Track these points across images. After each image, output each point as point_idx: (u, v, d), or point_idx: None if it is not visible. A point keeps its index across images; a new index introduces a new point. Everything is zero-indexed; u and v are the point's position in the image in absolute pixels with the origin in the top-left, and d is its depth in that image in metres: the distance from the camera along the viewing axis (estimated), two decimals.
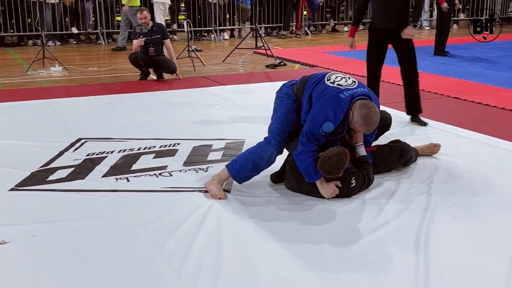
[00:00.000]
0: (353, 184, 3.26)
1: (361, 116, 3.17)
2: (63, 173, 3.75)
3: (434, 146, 4.01)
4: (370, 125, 3.22)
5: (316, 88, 3.31)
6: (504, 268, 2.48)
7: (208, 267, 2.52)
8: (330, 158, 3.11)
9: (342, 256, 2.63)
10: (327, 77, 3.35)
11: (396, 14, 4.79)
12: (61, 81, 7.52)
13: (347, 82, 3.32)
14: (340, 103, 3.19)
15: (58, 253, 2.68)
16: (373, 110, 3.19)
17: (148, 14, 7.24)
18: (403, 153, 3.71)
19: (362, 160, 3.41)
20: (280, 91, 3.54)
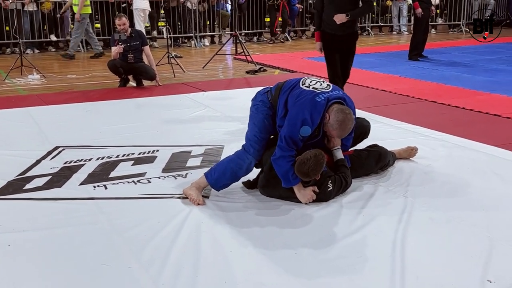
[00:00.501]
0: (330, 188, 3.28)
1: (337, 121, 3.20)
2: (40, 182, 3.72)
3: (412, 149, 4.04)
4: (344, 130, 3.25)
5: (292, 93, 3.33)
6: (479, 269, 2.51)
7: (186, 274, 2.52)
8: (307, 160, 3.13)
9: (319, 259, 2.64)
10: (302, 82, 3.37)
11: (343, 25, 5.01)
12: (39, 89, 7.47)
13: (322, 85, 3.35)
14: (316, 106, 3.21)
15: (35, 262, 2.65)
16: (349, 117, 3.22)
17: (126, 20, 7.22)
18: (380, 158, 3.74)
19: (339, 164, 3.44)
20: (255, 98, 3.55)
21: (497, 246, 2.73)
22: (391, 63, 9.23)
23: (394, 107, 5.91)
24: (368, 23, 14.82)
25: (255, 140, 3.40)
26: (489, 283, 2.39)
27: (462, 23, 15.02)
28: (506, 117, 5.35)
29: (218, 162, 3.58)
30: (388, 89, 6.89)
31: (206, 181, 3.43)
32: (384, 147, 3.83)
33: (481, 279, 2.43)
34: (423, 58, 9.51)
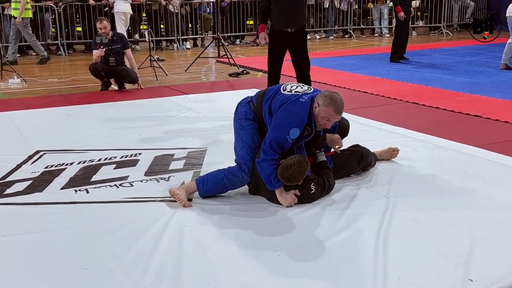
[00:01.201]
0: (313, 191, 3.29)
1: (326, 97, 3.22)
2: (20, 186, 3.68)
3: (393, 150, 4.07)
4: (337, 102, 3.23)
5: (274, 99, 3.34)
6: (461, 268, 2.53)
7: (169, 277, 2.50)
8: (290, 166, 3.14)
9: (302, 261, 2.64)
10: (283, 88, 3.39)
11: (292, 17, 5.25)
12: (20, 93, 7.39)
13: (303, 88, 3.38)
14: (302, 106, 3.23)
15: (15, 267, 2.62)
16: (335, 94, 3.28)
17: (108, 24, 7.18)
18: (362, 158, 3.75)
19: (322, 166, 3.45)
20: (237, 111, 3.54)
21: (478, 246, 2.75)
22: (373, 65, 9.29)
23: (376, 109, 5.95)
24: (350, 26, 14.91)
25: (248, 159, 3.39)
26: (470, 282, 2.41)
27: (442, 25, 15.16)
28: (487, 117, 5.42)
29: (211, 173, 3.48)
30: (370, 91, 6.93)
31: (195, 188, 3.42)
32: (365, 147, 3.85)
33: (463, 278, 2.45)
34: (404, 60, 9.59)
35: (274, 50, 5.48)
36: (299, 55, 5.48)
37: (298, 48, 5.45)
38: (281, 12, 5.28)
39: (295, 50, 5.46)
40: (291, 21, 5.29)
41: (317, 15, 14.55)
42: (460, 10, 15.78)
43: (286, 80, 5.91)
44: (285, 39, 5.37)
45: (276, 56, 5.48)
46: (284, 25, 5.31)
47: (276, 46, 5.44)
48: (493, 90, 6.88)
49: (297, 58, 5.50)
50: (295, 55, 5.50)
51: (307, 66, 5.55)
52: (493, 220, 3.08)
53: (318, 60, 10.12)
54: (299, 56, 5.48)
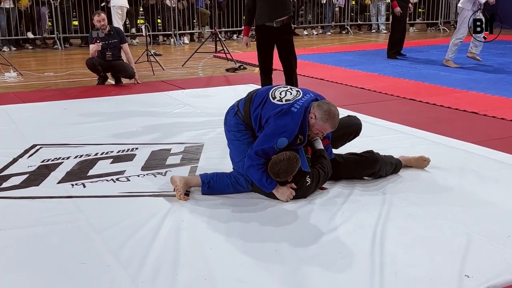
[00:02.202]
0: (308, 183, 3.29)
1: (324, 111, 3.20)
2: (17, 180, 3.67)
3: (424, 160, 3.81)
4: (335, 118, 3.24)
5: (265, 108, 3.29)
6: (457, 264, 2.54)
7: (165, 272, 2.50)
8: (280, 162, 3.14)
9: (299, 256, 2.64)
10: (272, 95, 3.32)
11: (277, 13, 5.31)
12: (16, 87, 7.36)
13: (292, 94, 3.33)
14: (294, 117, 3.20)
15: (12, 261, 2.62)
16: (332, 106, 3.26)
17: (105, 16, 7.15)
18: (366, 165, 3.58)
19: (318, 154, 3.43)
20: (227, 122, 3.51)
21: (474, 242, 2.76)
22: (370, 61, 9.29)
23: (373, 105, 5.95)
24: (347, 22, 14.90)
25: None
26: (466, 278, 2.42)
27: (439, 22, 15.17)
28: (483, 114, 5.42)
29: (218, 176, 3.42)
30: (367, 87, 6.93)
31: (198, 183, 3.41)
32: (377, 155, 3.63)
33: (459, 274, 2.46)
34: (401, 56, 9.59)
35: (261, 46, 5.52)
36: (284, 50, 5.51)
37: (283, 43, 5.48)
38: (265, 6, 5.32)
39: (281, 45, 5.50)
40: (275, 14, 5.32)
41: (315, 11, 14.53)
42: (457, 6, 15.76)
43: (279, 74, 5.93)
44: (270, 34, 5.40)
45: (264, 51, 5.53)
46: (268, 18, 5.35)
47: (263, 41, 5.49)
48: (490, 87, 6.89)
49: (283, 53, 5.54)
50: (281, 50, 5.53)
51: (293, 62, 5.59)
52: (489, 216, 3.09)
53: (315, 55, 10.13)
54: (284, 51, 5.51)
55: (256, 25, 5.53)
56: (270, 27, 5.36)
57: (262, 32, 5.47)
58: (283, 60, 5.59)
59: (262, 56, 5.57)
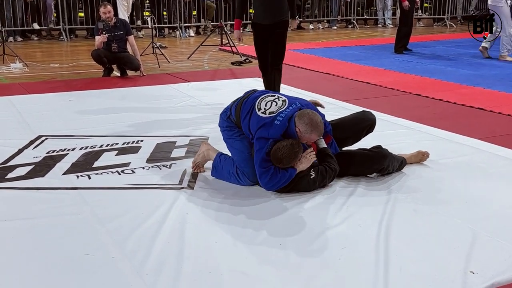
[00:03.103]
0: (312, 176, 3.28)
1: (306, 124, 3.20)
2: (22, 171, 3.67)
3: (423, 154, 3.85)
4: (318, 127, 3.24)
5: (251, 120, 3.34)
6: (462, 260, 2.54)
7: (170, 264, 2.51)
8: (283, 147, 3.17)
9: (304, 251, 2.64)
10: (257, 106, 3.36)
11: (272, 10, 5.16)
12: (21, 77, 7.37)
13: (278, 104, 3.34)
14: (276, 129, 3.24)
15: (16, 252, 2.62)
16: (312, 115, 3.24)
17: (111, 8, 7.14)
18: (374, 161, 3.55)
19: (323, 153, 3.42)
20: (221, 123, 3.63)
21: (479, 238, 2.75)
22: (376, 56, 9.26)
23: (379, 100, 5.93)
24: (353, 16, 14.84)
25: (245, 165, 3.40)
26: (471, 274, 2.42)
27: (446, 17, 15.10)
28: (490, 110, 5.40)
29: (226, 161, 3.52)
30: (373, 82, 6.91)
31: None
32: (385, 151, 3.61)
33: (464, 270, 2.45)
34: (407, 51, 9.55)
35: (257, 42, 5.40)
36: (274, 42, 5.29)
37: (275, 36, 5.27)
38: (262, 6, 5.18)
39: (273, 38, 5.30)
40: (271, 17, 5.18)
41: (321, 5, 14.49)
42: (464, 2, 15.70)
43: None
44: (265, 30, 5.25)
45: (261, 48, 5.38)
46: (263, 19, 5.21)
47: (259, 38, 5.36)
48: (496, 82, 6.85)
49: (272, 45, 5.31)
50: (272, 42, 5.32)
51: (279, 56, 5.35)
52: (494, 212, 3.08)
53: (321, 50, 10.10)
54: (274, 43, 5.30)
55: (252, 22, 5.43)
56: (266, 24, 5.22)
57: (257, 30, 5.34)
58: (271, 51, 5.33)
59: (259, 52, 5.44)
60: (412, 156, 3.83)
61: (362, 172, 3.58)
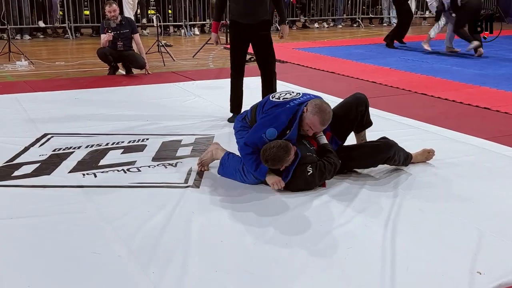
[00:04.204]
0: (310, 172, 3.26)
1: (315, 105, 3.30)
2: (28, 169, 3.68)
3: (428, 152, 3.83)
4: (324, 113, 3.31)
5: (265, 106, 3.46)
6: (468, 260, 2.53)
7: (176, 263, 2.51)
8: (269, 149, 3.21)
9: (309, 250, 2.64)
10: (272, 95, 3.51)
11: (254, 9, 4.72)
12: (27, 75, 7.39)
13: (292, 95, 3.46)
14: (286, 110, 3.34)
15: (23, 250, 2.63)
16: (326, 105, 3.35)
17: (117, 7, 7.16)
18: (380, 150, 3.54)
19: (324, 148, 3.43)
20: (235, 126, 3.71)
21: (486, 238, 2.74)
22: (381, 55, 9.24)
23: (384, 99, 5.92)
24: (359, 15, 14.81)
25: None
26: (478, 274, 2.41)
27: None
28: (496, 110, 5.38)
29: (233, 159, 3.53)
30: (378, 81, 6.89)
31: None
32: (391, 141, 3.60)
33: (471, 270, 2.44)
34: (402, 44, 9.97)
35: (234, 43, 4.91)
36: (261, 48, 4.85)
37: (260, 39, 4.82)
38: (238, 4, 4.74)
39: (257, 42, 4.84)
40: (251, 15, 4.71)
41: (326, 4, 14.46)
42: None
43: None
44: (245, 31, 4.78)
45: (238, 49, 4.90)
46: (244, 17, 4.74)
47: (236, 38, 4.88)
48: (502, 82, 6.83)
49: (260, 52, 4.88)
50: (258, 48, 4.88)
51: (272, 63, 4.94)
52: (501, 212, 3.07)
53: (326, 48, 10.08)
54: (262, 48, 4.85)
55: (230, 20, 4.93)
56: (246, 24, 4.74)
57: (236, 29, 4.84)
58: (260, 59, 4.91)
59: (235, 55, 4.92)
60: (417, 154, 3.81)
61: (371, 163, 3.58)
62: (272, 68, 4.95)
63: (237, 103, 5.03)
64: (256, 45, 4.88)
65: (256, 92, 5.06)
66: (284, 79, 6.84)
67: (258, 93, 5.02)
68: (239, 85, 5.03)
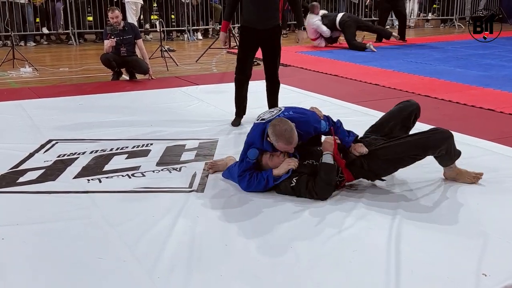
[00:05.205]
0: (292, 184, 3.26)
1: (271, 133, 3.24)
2: (33, 175, 3.69)
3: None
4: (282, 135, 3.19)
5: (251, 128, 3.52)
6: (474, 263, 2.52)
7: (181, 267, 2.51)
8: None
9: (314, 254, 2.64)
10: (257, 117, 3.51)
11: (266, 14, 4.72)
12: (31, 82, 7.41)
13: (272, 113, 3.45)
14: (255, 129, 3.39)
15: (29, 256, 2.64)
16: (280, 125, 3.21)
17: (119, 13, 7.18)
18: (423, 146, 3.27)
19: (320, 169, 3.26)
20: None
21: (491, 240, 2.74)
22: (384, 57, 9.24)
23: (388, 102, 5.90)
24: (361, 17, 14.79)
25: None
26: (484, 276, 2.40)
27: (455, 17, 15.04)
28: (500, 111, 5.37)
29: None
30: (381, 83, 6.89)
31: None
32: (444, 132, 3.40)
33: (476, 272, 2.44)
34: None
35: (244, 48, 4.92)
36: (272, 52, 4.89)
37: (268, 46, 4.87)
38: (252, 9, 4.72)
39: (265, 49, 4.89)
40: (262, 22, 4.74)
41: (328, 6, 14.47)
42: (472, 2, 15.63)
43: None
44: (256, 36, 4.80)
45: (247, 55, 4.92)
46: (256, 22, 4.75)
47: (247, 43, 4.89)
48: (506, 83, 6.81)
49: (266, 58, 4.93)
50: (264, 55, 4.93)
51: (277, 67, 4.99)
52: (506, 214, 3.06)
53: (328, 52, 10.09)
54: (268, 56, 4.90)
55: (241, 25, 4.97)
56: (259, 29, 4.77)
57: (247, 34, 4.85)
58: (265, 65, 4.96)
59: (244, 59, 4.92)
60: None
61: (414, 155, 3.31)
62: (276, 74, 5.00)
63: (242, 106, 5.07)
64: (264, 50, 4.91)
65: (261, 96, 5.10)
66: (288, 83, 6.85)
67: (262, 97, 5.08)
68: (245, 89, 5.05)
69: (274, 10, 4.78)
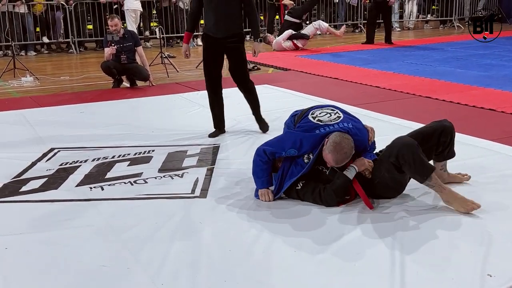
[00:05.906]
0: (298, 187, 3.26)
1: (331, 142, 3.11)
2: (36, 184, 3.70)
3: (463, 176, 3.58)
4: (337, 153, 3.10)
5: (302, 120, 3.39)
6: (479, 263, 2.51)
7: (185, 274, 2.51)
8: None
9: (319, 257, 2.63)
10: (312, 112, 3.40)
11: (226, 22, 4.59)
12: (32, 91, 7.43)
13: (330, 117, 3.31)
14: (312, 136, 3.22)
15: (32, 265, 2.64)
16: (346, 141, 3.11)
17: (119, 21, 7.21)
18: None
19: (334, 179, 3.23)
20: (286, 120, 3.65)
21: (496, 241, 2.73)
22: (384, 59, 9.24)
23: (389, 103, 5.92)
24: (360, 20, 14.82)
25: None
26: (489, 277, 2.40)
27: (454, 18, 15.05)
28: (501, 111, 5.37)
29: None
30: (382, 85, 6.89)
31: None
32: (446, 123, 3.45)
33: (481, 273, 2.43)
34: None
35: (207, 57, 4.77)
36: (233, 60, 4.75)
37: (231, 55, 4.73)
38: (213, 17, 4.60)
39: (229, 57, 4.76)
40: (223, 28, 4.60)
41: (327, 10, 14.49)
42: (471, 3, 15.64)
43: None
44: (217, 44, 4.67)
45: (210, 63, 4.76)
46: (215, 31, 4.62)
47: (209, 52, 4.74)
48: (507, 83, 6.81)
49: (231, 66, 4.79)
50: (230, 63, 4.79)
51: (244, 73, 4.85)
52: (510, 215, 3.05)
53: (328, 55, 10.10)
54: (233, 64, 4.77)
55: (203, 33, 4.81)
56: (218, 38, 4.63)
57: (208, 43, 4.72)
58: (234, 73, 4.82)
59: (208, 68, 4.77)
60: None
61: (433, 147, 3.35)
62: (243, 80, 4.85)
63: (219, 118, 4.92)
64: (230, 59, 4.77)
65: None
66: (289, 87, 6.87)
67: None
68: (218, 100, 4.91)
69: (235, 18, 4.63)
